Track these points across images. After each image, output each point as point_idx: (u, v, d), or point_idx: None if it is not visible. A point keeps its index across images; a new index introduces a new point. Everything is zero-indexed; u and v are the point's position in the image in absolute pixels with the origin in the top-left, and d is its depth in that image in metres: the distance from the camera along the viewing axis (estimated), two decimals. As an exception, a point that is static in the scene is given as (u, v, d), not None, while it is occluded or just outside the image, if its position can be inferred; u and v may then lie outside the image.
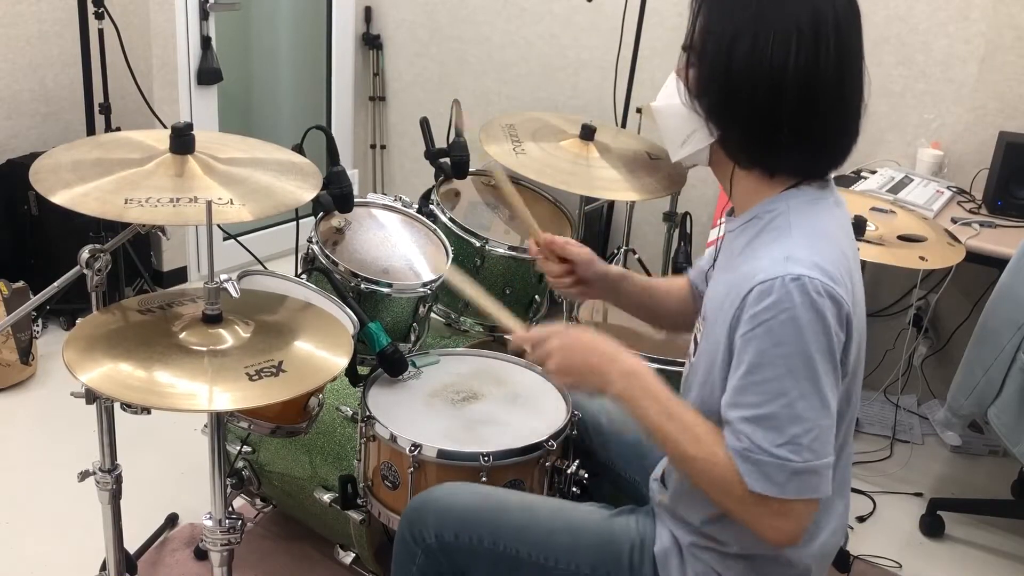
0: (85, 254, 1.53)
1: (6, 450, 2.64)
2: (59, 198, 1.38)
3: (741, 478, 1.17)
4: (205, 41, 3.58)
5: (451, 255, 2.11)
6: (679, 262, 2.54)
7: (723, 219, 1.43)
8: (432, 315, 2.18)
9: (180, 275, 3.73)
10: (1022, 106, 2.93)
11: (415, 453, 1.66)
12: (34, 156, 2.20)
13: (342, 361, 1.42)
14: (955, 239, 2.32)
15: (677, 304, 1.65)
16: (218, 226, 1.35)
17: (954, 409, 2.35)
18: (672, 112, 1.31)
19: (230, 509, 1.55)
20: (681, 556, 1.37)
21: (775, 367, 1.14)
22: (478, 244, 2.20)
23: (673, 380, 1.32)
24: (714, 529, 1.32)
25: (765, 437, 1.15)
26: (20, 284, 2.99)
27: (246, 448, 2.13)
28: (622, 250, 3.35)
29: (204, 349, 1.39)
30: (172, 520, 2.34)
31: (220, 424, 1.49)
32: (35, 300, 1.65)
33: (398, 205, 2.21)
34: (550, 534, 1.43)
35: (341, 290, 1.88)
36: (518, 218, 1.68)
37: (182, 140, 1.53)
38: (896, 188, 2.80)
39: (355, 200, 2.01)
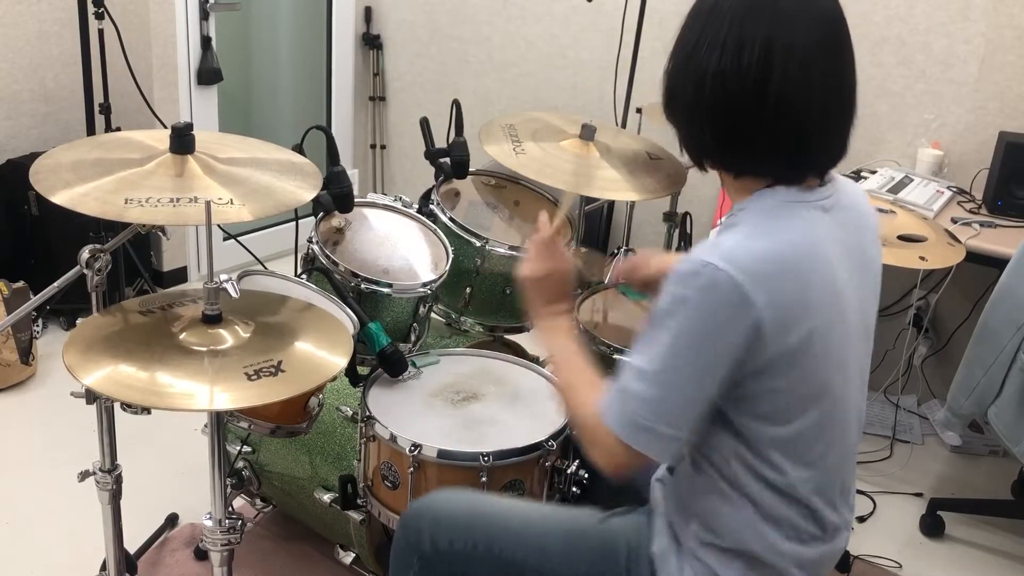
0: (85, 254, 1.53)
1: (6, 450, 2.64)
2: (59, 198, 1.38)
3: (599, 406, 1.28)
4: (205, 41, 3.58)
5: (451, 255, 2.11)
6: (679, 262, 2.54)
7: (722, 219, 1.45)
8: (432, 315, 2.18)
9: (180, 275, 3.73)
10: (1022, 106, 2.93)
11: (415, 453, 1.66)
12: (34, 156, 2.20)
13: (341, 361, 1.42)
14: (955, 239, 2.32)
15: None
16: (218, 226, 1.36)
17: (954, 409, 2.35)
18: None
19: (230, 509, 1.55)
20: (680, 556, 1.37)
21: (653, 328, 1.22)
22: (478, 244, 2.20)
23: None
24: (714, 524, 1.32)
25: (624, 375, 1.25)
26: (20, 284, 2.99)
27: (246, 448, 2.13)
28: (622, 250, 3.35)
29: (204, 349, 1.39)
30: (172, 520, 2.34)
31: (220, 424, 1.49)
32: (35, 300, 1.65)
33: (398, 205, 2.21)
34: (546, 539, 1.43)
35: (341, 290, 1.88)
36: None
37: (182, 140, 1.53)
38: (896, 188, 2.80)
39: (355, 200, 2.01)
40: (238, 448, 2.13)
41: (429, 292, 2.01)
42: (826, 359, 1.25)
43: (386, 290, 1.94)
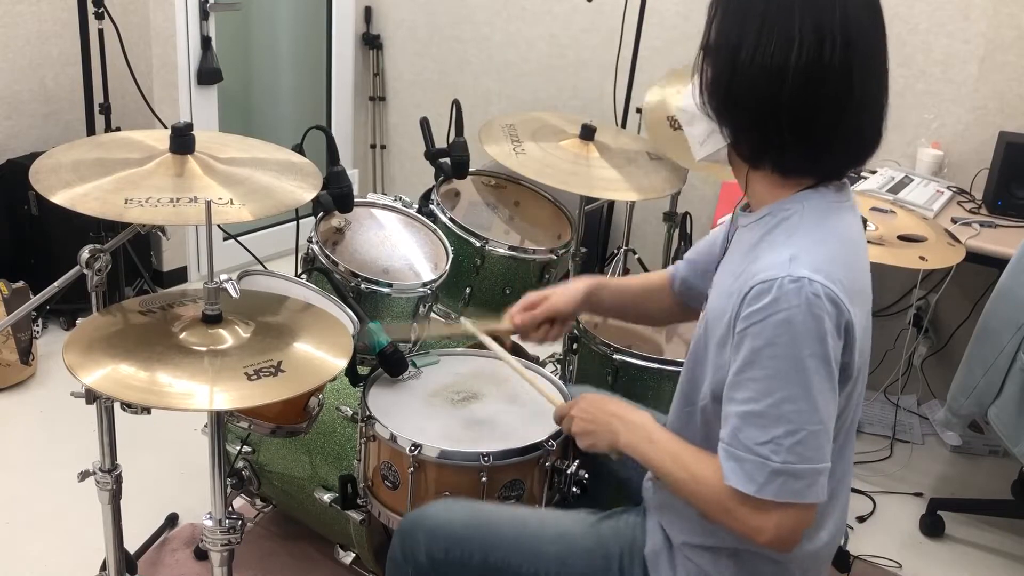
0: (85, 254, 1.53)
1: (6, 450, 2.64)
2: (59, 198, 1.38)
3: (723, 477, 1.18)
4: (205, 41, 3.58)
5: (451, 255, 2.11)
6: (679, 262, 2.54)
7: (726, 217, 1.44)
8: (432, 315, 2.18)
9: (180, 275, 3.73)
10: (1022, 106, 2.93)
11: (415, 453, 1.66)
12: (34, 156, 2.20)
13: (341, 361, 1.42)
14: (955, 239, 2.31)
15: (656, 302, 1.69)
16: (218, 226, 1.36)
17: (954, 409, 2.35)
18: (692, 112, 1.31)
19: (230, 509, 1.55)
20: (671, 556, 1.37)
21: (765, 367, 1.15)
22: (478, 244, 2.20)
23: (673, 380, 1.32)
24: (709, 525, 1.32)
25: (749, 435, 1.16)
26: (20, 284, 2.99)
27: (246, 448, 2.13)
28: (622, 250, 3.36)
29: (204, 349, 1.39)
30: (172, 520, 2.34)
31: (220, 424, 1.49)
32: (35, 300, 1.65)
33: (398, 205, 2.21)
34: (540, 545, 1.43)
35: (341, 290, 1.88)
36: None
37: (182, 140, 1.53)
38: (896, 188, 2.80)
39: (355, 200, 2.01)
40: (238, 448, 2.13)
41: (429, 292, 2.01)
42: (864, 356, 1.26)
43: (386, 290, 1.94)
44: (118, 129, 3.03)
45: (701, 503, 1.25)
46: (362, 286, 1.92)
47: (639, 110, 3.13)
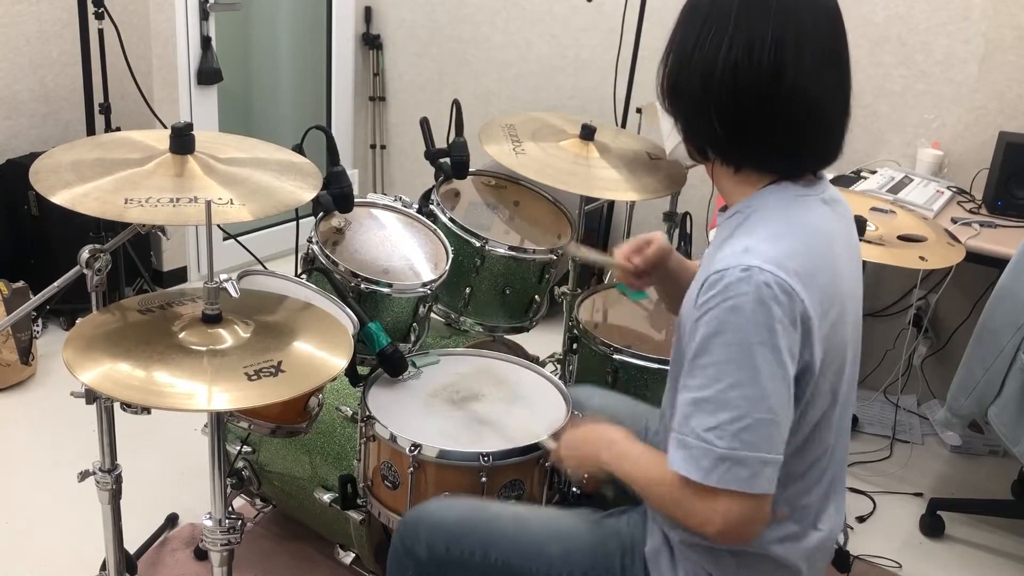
0: (85, 254, 1.53)
1: (6, 450, 2.64)
2: (59, 198, 1.39)
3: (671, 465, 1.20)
4: (205, 41, 3.58)
5: (451, 255, 2.11)
6: (679, 262, 2.54)
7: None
8: (432, 315, 2.18)
9: (180, 275, 3.73)
10: (1022, 106, 2.93)
11: (415, 453, 1.66)
12: (34, 156, 2.20)
13: (341, 361, 1.42)
14: (955, 239, 2.31)
15: None
16: (218, 226, 1.36)
17: (954, 409, 2.35)
18: (662, 109, 1.36)
19: (230, 509, 1.55)
20: (672, 555, 1.37)
21: (714, 354, 1.17)
22: (478, 244, 2.20)
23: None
24: None
25: (698, 421, 1.17)
26: (20, 284, 2.99)
27: (246, 448, 2.13)
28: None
29: (204, 349, 1.39)
30: (172, 520, 2.34)
31: (220, 424, 1.49)
32: (35, 300, 1.65)
33: (398, 205, 2.21)
34: (541, 544, 1.43)
35: (341, 290, 1.88)
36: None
37: (182, 140, 1.53)
38: (896, 188, 2.80)
39: (355, 200, 2.01)
40: (238, 448, 2.13)
41: (429, 292, 2.01)
42: (843, 346, 1.26)
43: (386, 290, 1.94)
44: (118, 129, 3.03)
45: (660, 504, 1.26)
46: (362, 286, 1.92)
47: (639, 110, 3.13)
